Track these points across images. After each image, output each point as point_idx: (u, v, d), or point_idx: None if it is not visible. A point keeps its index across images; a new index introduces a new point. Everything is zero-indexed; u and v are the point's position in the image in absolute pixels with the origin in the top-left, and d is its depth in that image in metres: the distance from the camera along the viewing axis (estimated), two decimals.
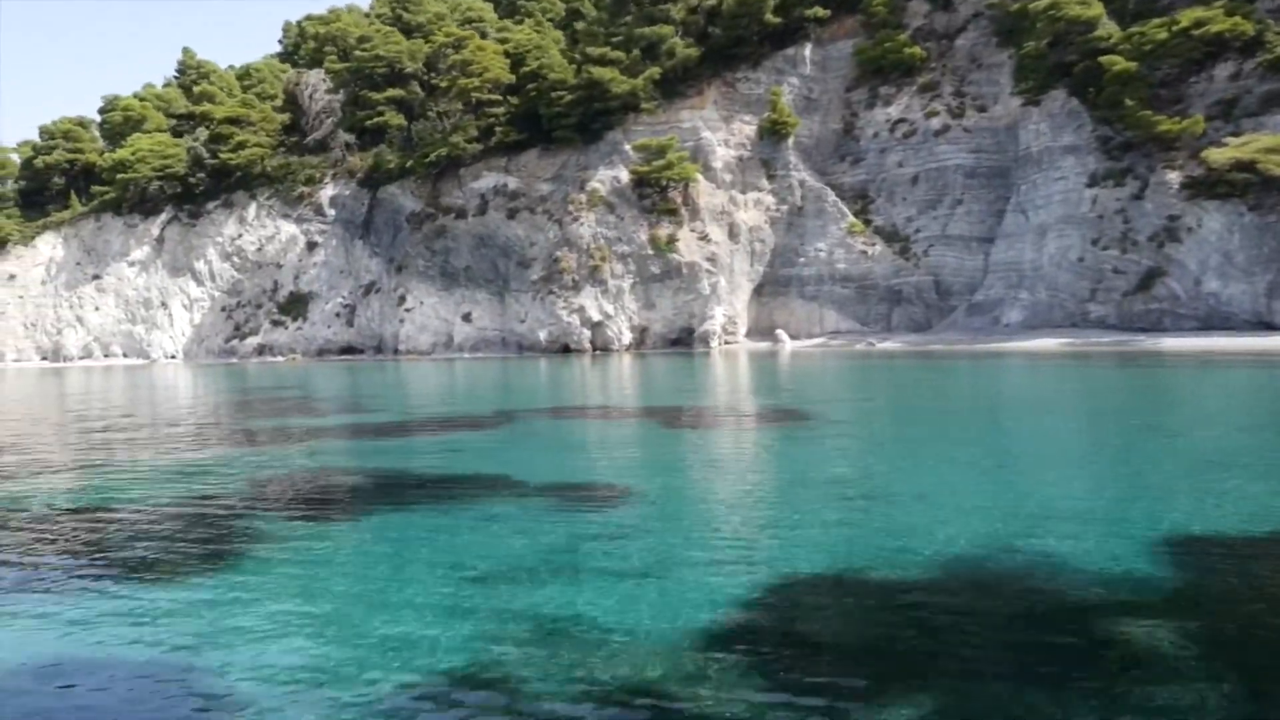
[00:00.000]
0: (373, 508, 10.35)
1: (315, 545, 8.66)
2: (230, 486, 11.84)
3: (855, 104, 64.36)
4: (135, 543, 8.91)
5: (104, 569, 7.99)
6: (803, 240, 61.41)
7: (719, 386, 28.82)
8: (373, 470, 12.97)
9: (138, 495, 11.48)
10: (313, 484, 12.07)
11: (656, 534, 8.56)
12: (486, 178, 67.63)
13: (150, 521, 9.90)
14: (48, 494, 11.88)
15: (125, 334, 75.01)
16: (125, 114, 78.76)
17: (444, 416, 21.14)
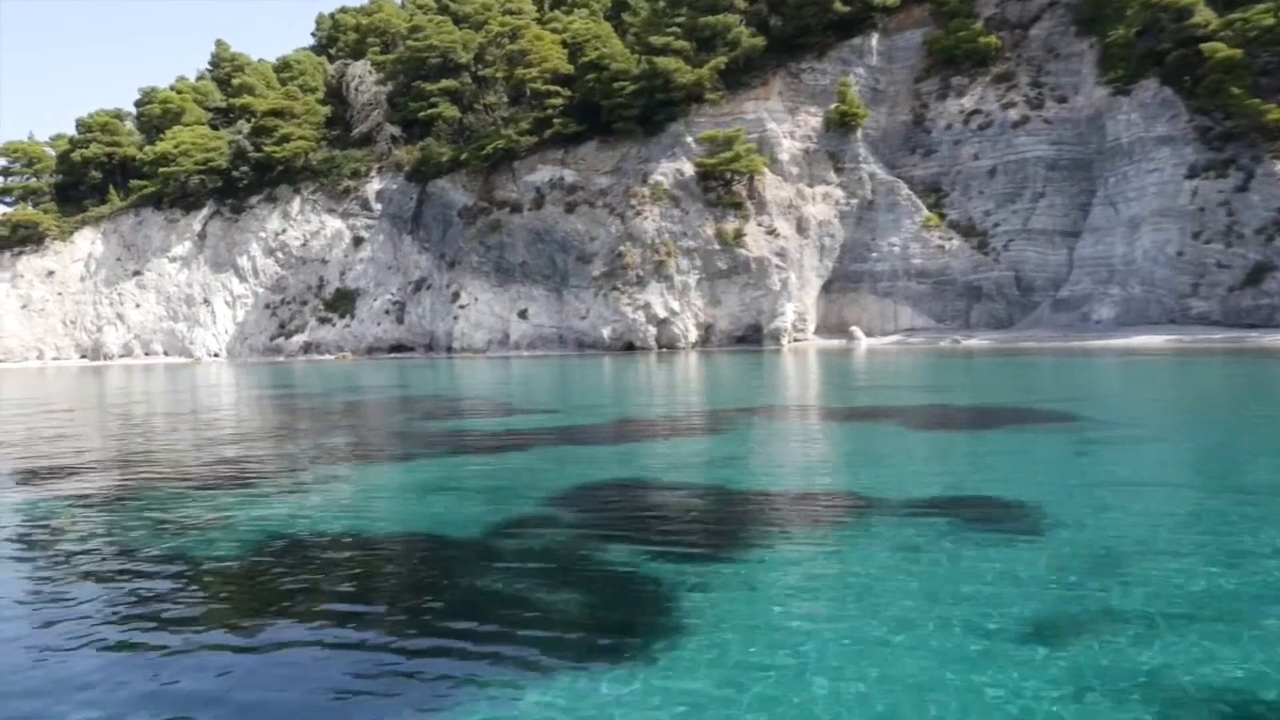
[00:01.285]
0: (788, 531, 8.58)
1: (783, 577, 6.90)
2: (581, 515, 10.00)
3: (925, 95, 62.63)
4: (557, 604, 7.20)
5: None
6: (874, 235, 59.68)
7: (876, 384, 27.06)
8: (704, 486, 11.14)
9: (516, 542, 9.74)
10: (668, 506, 10.27)
11: (1163, 561, 6.85)
12: (542, 171, 65.85)
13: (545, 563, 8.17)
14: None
15: (166, 332, 73.20)
16: (164, 106, 76.92)
17: (649, 419, 19.22)
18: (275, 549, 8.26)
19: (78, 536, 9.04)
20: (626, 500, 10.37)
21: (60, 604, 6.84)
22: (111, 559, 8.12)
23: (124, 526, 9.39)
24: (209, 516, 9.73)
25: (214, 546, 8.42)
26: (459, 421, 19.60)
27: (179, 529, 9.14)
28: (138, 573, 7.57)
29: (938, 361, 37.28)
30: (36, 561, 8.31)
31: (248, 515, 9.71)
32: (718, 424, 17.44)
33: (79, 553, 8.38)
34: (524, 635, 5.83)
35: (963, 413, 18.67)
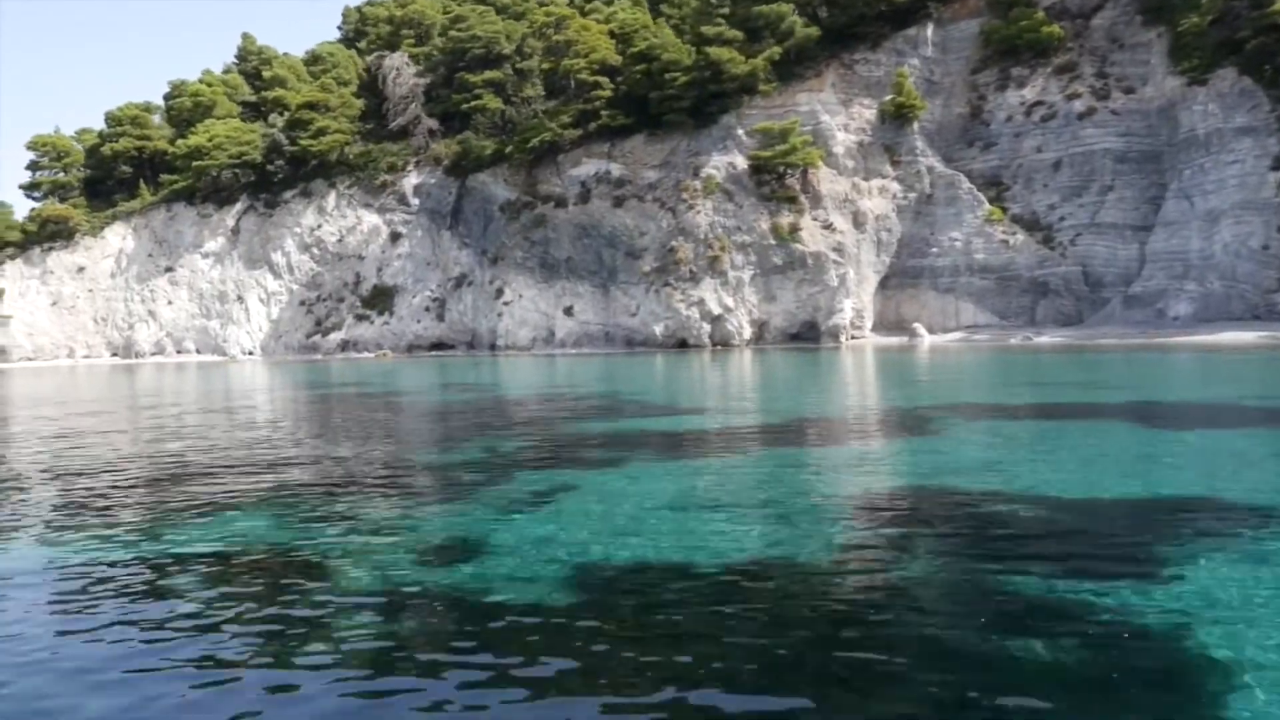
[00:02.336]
0: (1199, 540, 7.06)
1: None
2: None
3: (982, 87, 61.22)
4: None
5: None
6: (933, 229, 58.22)
7: (1020, 382, 25.56)
8: (1022, 495, 9.64)
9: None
10: (1017, 521, 8.77)
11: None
12: (587, 164, 64.38)
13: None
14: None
15: (199, 329, 71.68)
16: (195, 99, 75.38)
17: (830, 418, 17.62)
18: (554, 568, 6.77)
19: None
20: (958, 513, 8.87)
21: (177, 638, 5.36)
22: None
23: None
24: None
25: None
26: (622, 422, 18.06)
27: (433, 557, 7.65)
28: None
29: (1033, 359, 35.74)
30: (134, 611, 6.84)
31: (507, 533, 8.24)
32: (921, 423, 15.92)
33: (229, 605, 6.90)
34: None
35: (1174, 410, 17.18)
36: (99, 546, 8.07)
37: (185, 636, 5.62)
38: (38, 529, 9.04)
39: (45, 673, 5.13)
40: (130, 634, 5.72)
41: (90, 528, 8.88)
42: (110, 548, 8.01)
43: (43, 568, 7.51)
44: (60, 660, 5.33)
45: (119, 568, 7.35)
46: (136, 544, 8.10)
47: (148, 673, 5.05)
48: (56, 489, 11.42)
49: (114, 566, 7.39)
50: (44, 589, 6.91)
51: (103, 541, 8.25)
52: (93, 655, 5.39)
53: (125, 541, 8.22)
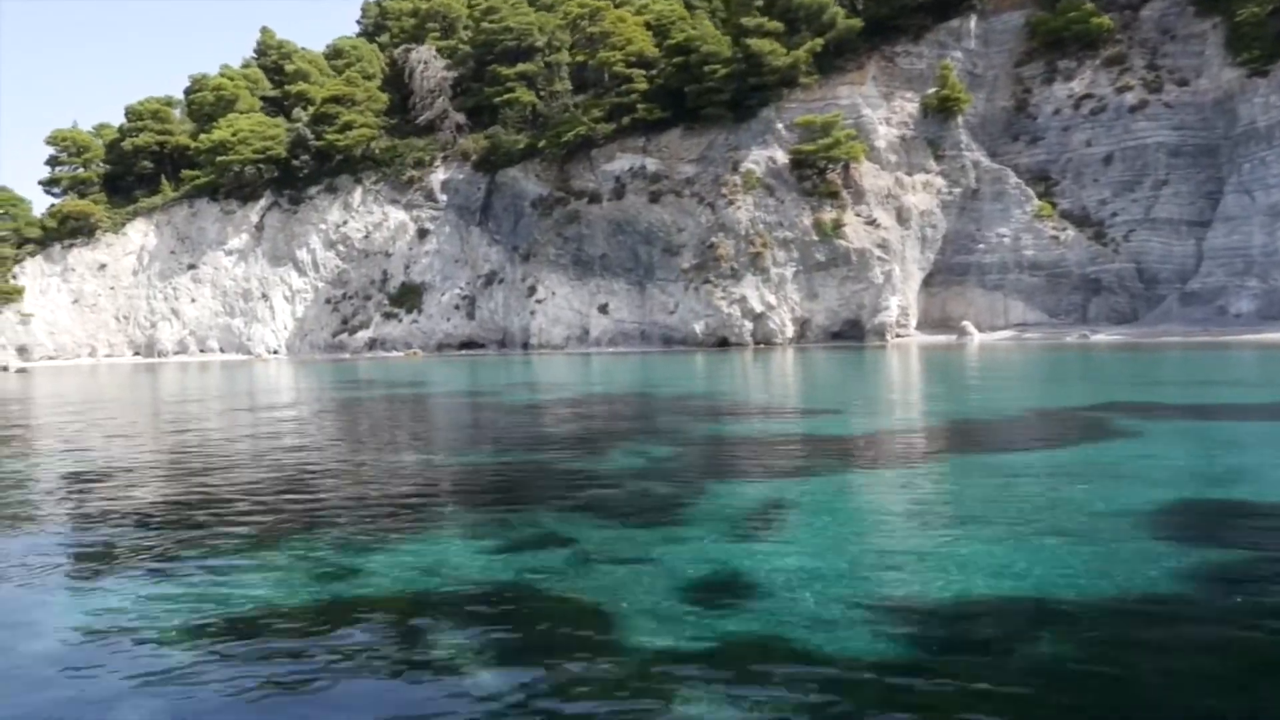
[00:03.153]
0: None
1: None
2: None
3: (1027, 79, 59.87)
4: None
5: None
6: (979, 225, 56.91)
7: (1134, 381, 24.27)
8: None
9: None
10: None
11: None
12: (621, 159, 63.05)
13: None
14: None
15: (223, 328, 70.38)
16: (217, 94, 73.99)
17: (990, 419, 16.43)
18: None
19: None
20: (1246, 525, 7.57)
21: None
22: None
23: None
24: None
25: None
26: (760, 424, 16.74)
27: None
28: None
29: (1115, 358, 34.43)
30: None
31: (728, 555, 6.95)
32: (1099, 425, 14.61)
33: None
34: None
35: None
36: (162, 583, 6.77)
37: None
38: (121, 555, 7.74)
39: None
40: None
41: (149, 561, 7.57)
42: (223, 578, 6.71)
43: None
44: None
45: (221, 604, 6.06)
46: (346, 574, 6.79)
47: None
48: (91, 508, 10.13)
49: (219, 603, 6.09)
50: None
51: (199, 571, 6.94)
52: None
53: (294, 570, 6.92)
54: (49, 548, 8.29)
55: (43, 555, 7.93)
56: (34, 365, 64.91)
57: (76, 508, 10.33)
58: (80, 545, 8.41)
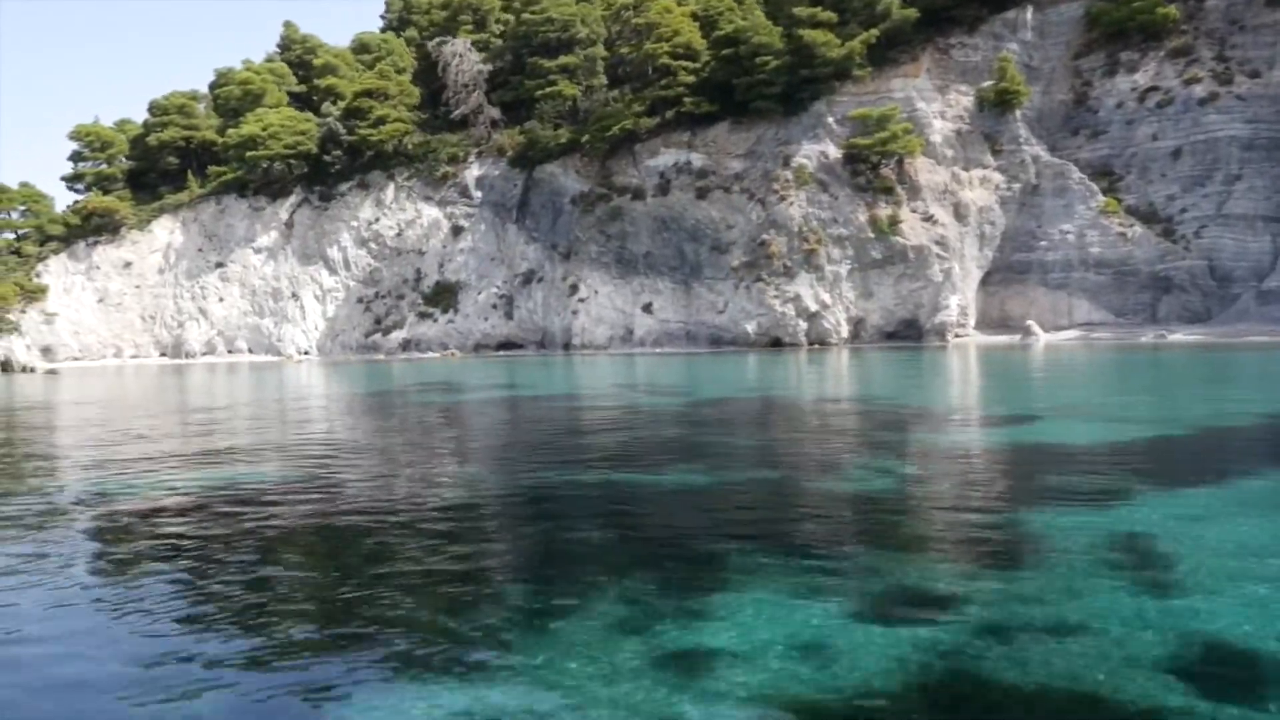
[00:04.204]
0: None
1: None
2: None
3: (1087, 72, 58.08)
4: None
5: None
6: (1039, 222, 55.12)
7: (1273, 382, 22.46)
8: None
9: None
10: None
11: None
12: (665, 154, 61.25)
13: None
14: None
15: (252, 328, 68.50)
16: (244, 88, 72.11)
17: (1204, 426, 14.73)
18: None
19: None
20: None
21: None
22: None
23: None
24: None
25: None
26: (967, 433, 14.99)
27: None
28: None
29: (1215, 358, 32.61)
30: None
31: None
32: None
33: None
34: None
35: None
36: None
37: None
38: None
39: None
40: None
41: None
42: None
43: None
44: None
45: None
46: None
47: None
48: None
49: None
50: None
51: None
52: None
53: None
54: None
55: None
56: (57, 366, 62.97)
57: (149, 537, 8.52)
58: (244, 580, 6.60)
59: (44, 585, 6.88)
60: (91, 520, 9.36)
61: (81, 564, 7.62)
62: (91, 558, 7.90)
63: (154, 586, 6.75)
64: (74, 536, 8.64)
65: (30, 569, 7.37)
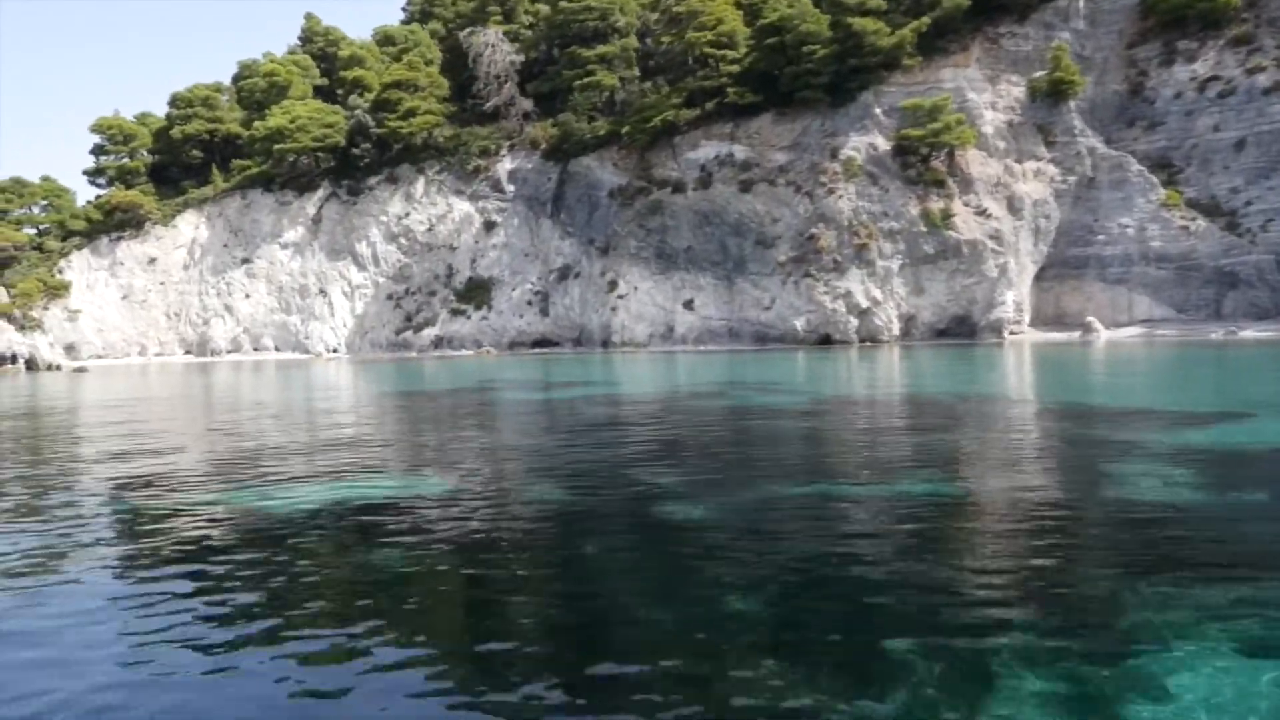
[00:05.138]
0: None
1: None
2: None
3: (1142, 62, 56.47)
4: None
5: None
6: (1096, 215, 53.56)
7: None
8: None
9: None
10: None
11: None
12: (706, 146, 59.71)
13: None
14: None
15: (278, 325, 66.94)
16: (269, 80, 70.54)
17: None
18: None
19: None
20: None
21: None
22: None
23: None
24: None
25: None
26: (1184, 434, 13.45)
27: None
28: None
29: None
30: None
31: None
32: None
33: None
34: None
35: None
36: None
37: None
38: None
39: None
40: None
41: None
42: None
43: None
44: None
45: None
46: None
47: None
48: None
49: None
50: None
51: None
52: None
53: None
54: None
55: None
56: (81, 364, 61.40)
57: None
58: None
59: (257, 651, 5.35)
60: (264, 547, 7.83)
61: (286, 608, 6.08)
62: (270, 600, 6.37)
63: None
64: (242, 568, 7.11)
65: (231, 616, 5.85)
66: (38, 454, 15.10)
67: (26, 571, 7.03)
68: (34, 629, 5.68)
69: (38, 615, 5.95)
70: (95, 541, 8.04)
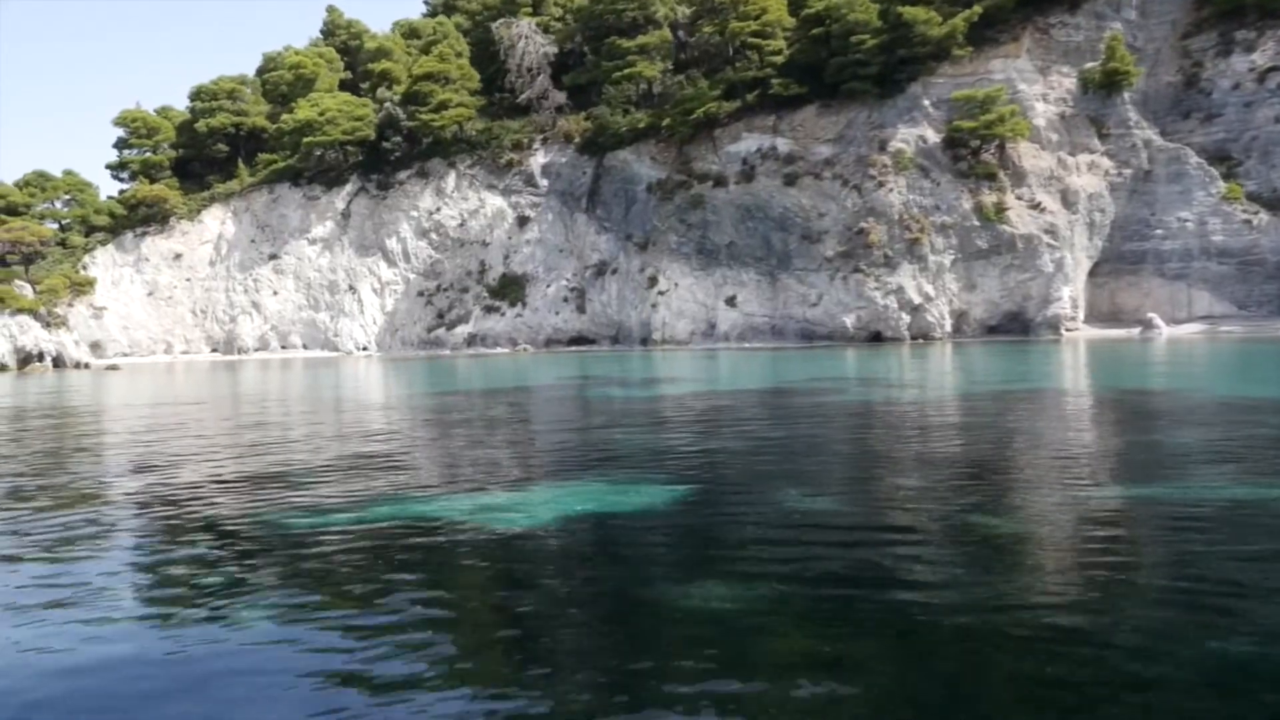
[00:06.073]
0: None
1: None
2: None
3: (1197, 52, 55.19)
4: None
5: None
6: (1153, 209, 52.30)
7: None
8: None
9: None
10: None
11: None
12: (747, 139, 58.39)
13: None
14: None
15: (307, 322, 65.56)
16: (296, 72, 69.12)
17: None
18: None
19: None
20: None
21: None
22: None
23: None
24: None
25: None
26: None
27: None
28: None
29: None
30: None
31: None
32: None
33: None
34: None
35: None
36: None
37: None
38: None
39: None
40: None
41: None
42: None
43: None
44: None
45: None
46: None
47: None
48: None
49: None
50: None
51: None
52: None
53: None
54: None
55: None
56: (104, 362, 59.96)
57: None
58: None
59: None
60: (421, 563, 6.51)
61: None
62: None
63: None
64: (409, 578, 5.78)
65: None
66: (120, 468, 13.76)
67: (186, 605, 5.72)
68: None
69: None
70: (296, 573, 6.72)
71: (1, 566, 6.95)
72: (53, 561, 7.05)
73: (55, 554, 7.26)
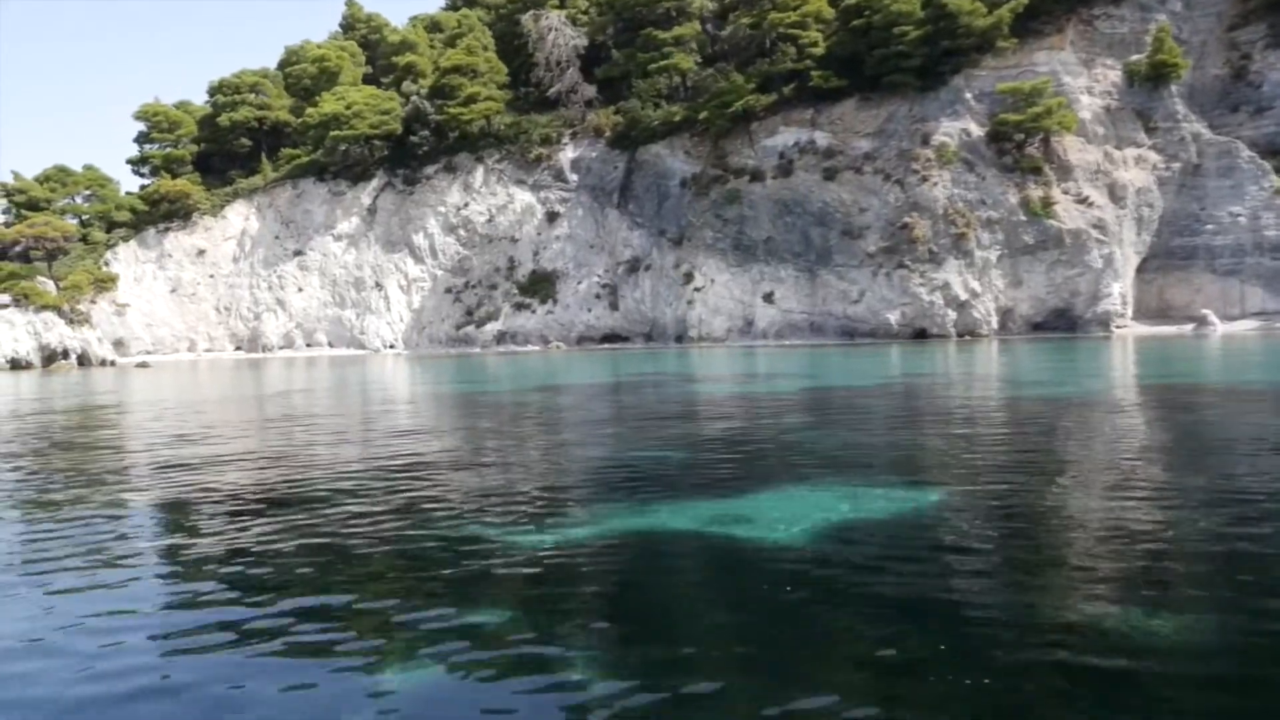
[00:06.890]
0: None
1: None
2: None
3: (1245, 45, 54.22)
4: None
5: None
6: (1203, 204, 51.30)
7: None
8: None
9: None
10: None
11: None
12: (785, 133, 57.34)
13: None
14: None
15: (332, 319, 64.44)
16: (320, 65, 68.00)
17: None
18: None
19: None
20: None
21: None
22: None
23: None
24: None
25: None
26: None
27: None
28: None
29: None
30: None
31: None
32: None
33: None
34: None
35: None
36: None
37: None
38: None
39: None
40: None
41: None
42: None
43: None
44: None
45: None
46: None
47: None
48: None
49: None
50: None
51: None
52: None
53: None
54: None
55: None
56: (128, 361, 58.82)
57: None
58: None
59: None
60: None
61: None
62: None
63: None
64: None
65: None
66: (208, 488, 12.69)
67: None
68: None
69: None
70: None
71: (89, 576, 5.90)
72: (163, 578, 6.00)
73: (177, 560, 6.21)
